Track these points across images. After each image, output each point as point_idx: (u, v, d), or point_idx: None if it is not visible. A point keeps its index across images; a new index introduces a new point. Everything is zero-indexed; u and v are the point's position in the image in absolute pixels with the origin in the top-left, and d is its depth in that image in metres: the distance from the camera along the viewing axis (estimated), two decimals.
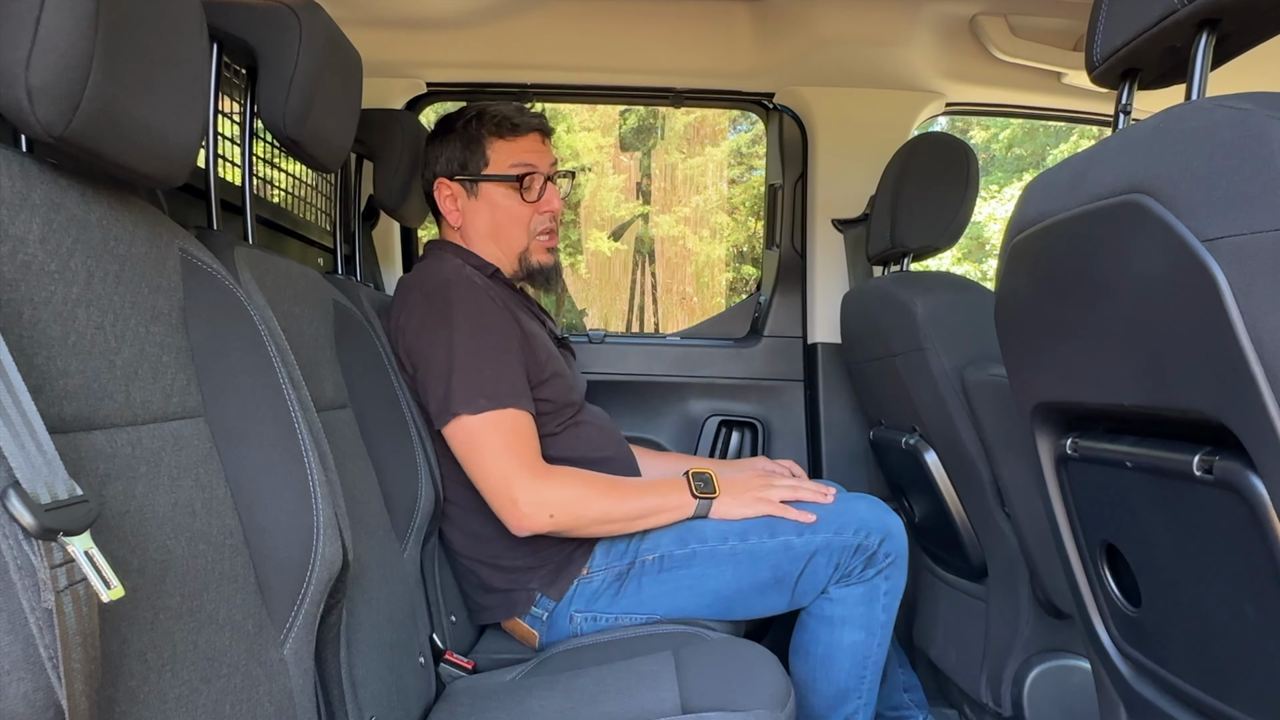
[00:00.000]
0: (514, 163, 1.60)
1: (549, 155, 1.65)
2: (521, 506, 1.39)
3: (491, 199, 1.61)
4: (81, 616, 0.56)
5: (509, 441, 1.41)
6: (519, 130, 1.61)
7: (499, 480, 1.40)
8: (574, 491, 1.43)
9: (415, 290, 1.52)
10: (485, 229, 1.62)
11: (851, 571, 1.43)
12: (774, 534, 1.45)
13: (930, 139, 1.79)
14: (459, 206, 1.63)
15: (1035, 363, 0.99)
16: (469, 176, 1.61)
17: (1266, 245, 0.62)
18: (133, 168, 0.74)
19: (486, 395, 1.41)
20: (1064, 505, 1.03)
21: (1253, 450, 0.67)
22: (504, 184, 1.60)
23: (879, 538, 1.43)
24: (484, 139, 1.60)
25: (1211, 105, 0.68)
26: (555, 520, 1.40)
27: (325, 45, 1.12)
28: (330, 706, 1.01)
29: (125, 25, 0.69)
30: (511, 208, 1.61)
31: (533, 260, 1.64)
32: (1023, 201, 0.97)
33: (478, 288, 1.50)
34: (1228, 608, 0.77)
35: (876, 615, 1.46)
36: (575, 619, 1.50)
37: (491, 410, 1.40)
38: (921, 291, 1.56)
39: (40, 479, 0.55)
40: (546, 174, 1.63)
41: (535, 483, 1.40)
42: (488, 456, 1.41)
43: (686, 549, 1.46)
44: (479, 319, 1.46)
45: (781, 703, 1.15)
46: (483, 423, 1.40)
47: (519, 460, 1.40)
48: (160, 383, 0.78)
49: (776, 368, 2.22)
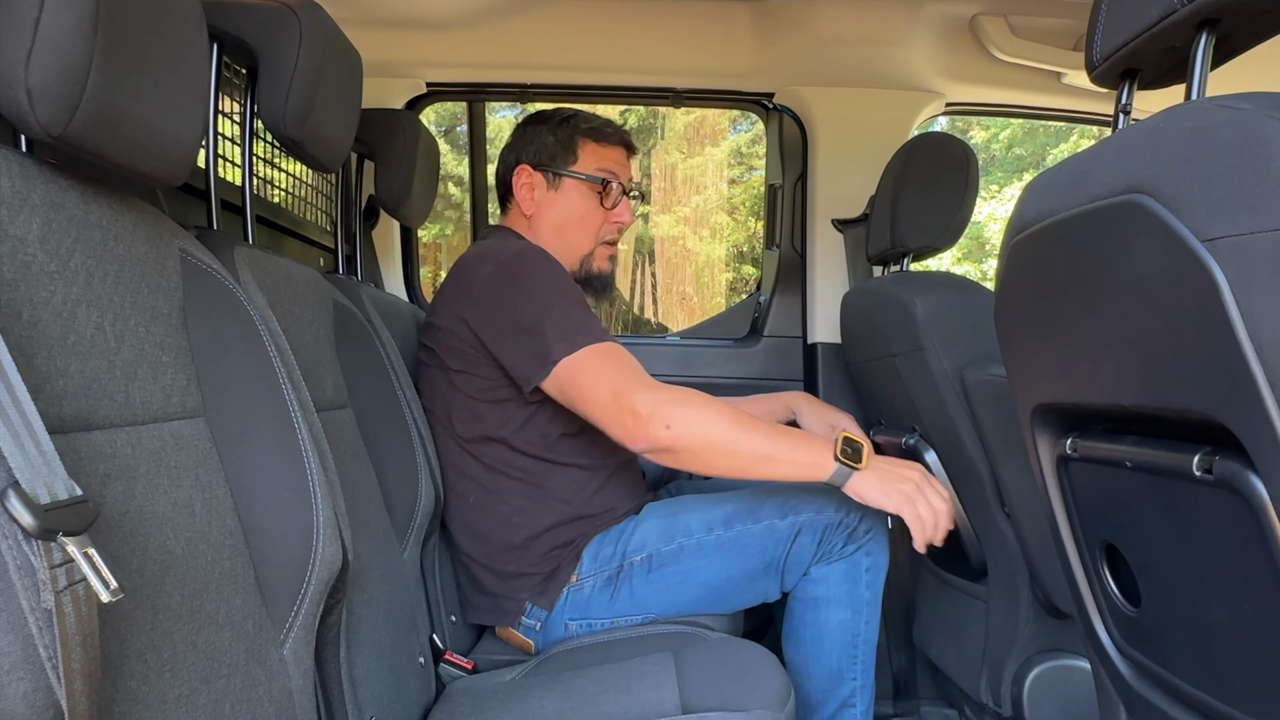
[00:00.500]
0: (600, 167, 1.65)
1: (629, 172, 1.70)
2: (641, 413, 1.30)
3: (570, 196, 1.64)
4: (81, 617, 0.56)
5: (617, 364, 1.36)
6: (610, 139, 1.66)
7: (612, 396, 1.33)
8: (695, 409, 1.33)
9: (487, 263, 1.49)
10: (555, 224, 1.65)
11: (832, 549, 1.44)
12: (758, 519, 1.45)
13: (930, 139, 1.79)
14: (535, 196, 1.65)
15: (1035, 363, 0.99)
16: (555, 169, 1.64)
17: (1266, 245, 0.62)
18: (133, 168, 0.74)
19: (583, 333, 1.37)
20: (1064, 505, 1.03)
21: (1252, 450, 0.67)
22: (587, 184, 1.64)
23: (859, 514, 1.43)
24: (577, 138, 1.64)
25: (1211, 105, 0.68)
26: (673, 433, 1.30)
27: (325, 45, 1.12)
28: (330, 706, 1.01)
29: (125, 25, 0.69)
30: (587, 209, 1.65)
31: (594, 265, 1.68)
32: (1022, 201, 0.97)
33: (550, 257, 1.51)
34: (1228, 608, 0.76)
35: (860, 592, 1.45)
36: (570, 627, 1.49)
37: (591, 344, 1.36)
38: (921, 291, 1.56)
39: (40, 479, 0.55)
40: (625, 187, 1.68)
41: (652, 393, 1.32)
42: (598, 380, 1.35)
43: (673, 544, 1.45)
44: (559, 277, 1.46)
45: (781, 703, 1.15)
46: (585, 356, 1.36)
47: (632, 376, 1.35)
48: (160, 383, 0.78)
49: (776, 368, 2.22)
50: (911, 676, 2.07)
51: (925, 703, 2.05)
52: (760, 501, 1.47)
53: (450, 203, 7.60)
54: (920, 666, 2.06)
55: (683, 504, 1.54)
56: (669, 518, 1.49)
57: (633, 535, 1.49)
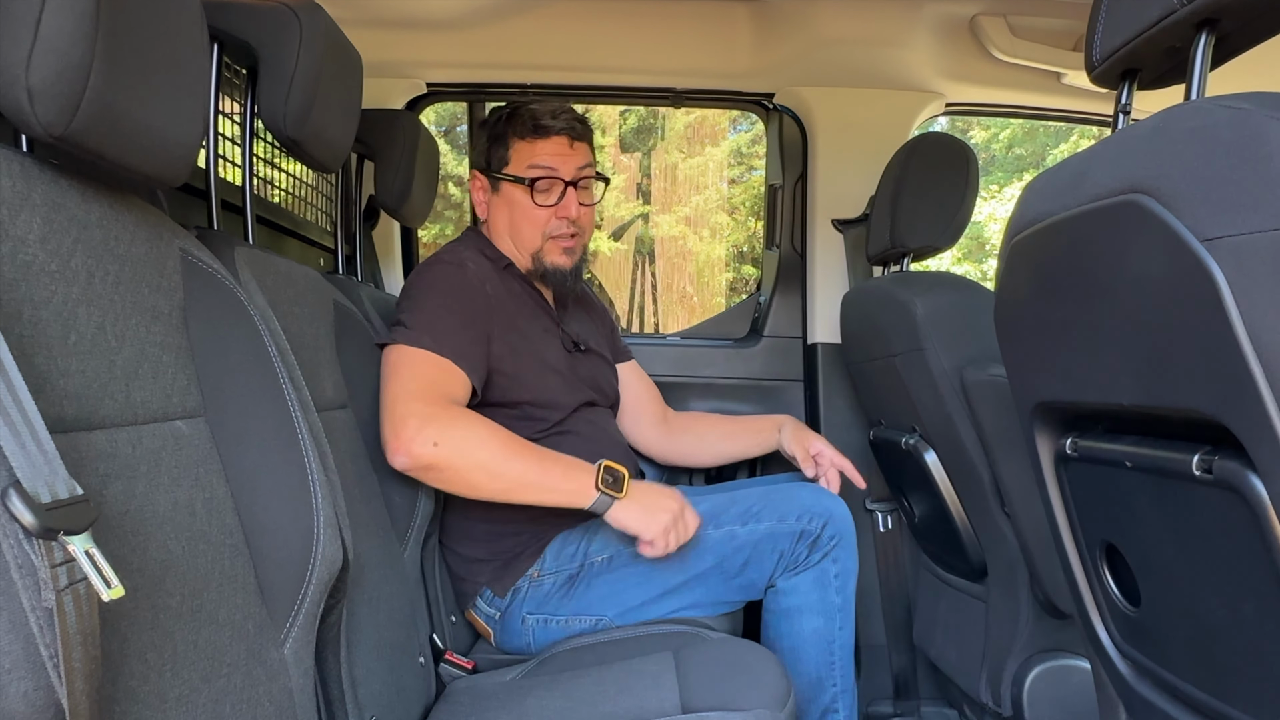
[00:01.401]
0: (531, 164, 1.60)
1: (576, 159, 1.62)
2: (410, 427, 1.31)
3: (510, 197, 1.63)
4: (82, 616, 0.56)
5: (426, 375, 1.37)
6: (542, 133, 1.60)
7: (399, 399, 1.34)
8: (468, 430, 1.34)
9: (422, 267, 1.59)
10: (504, 225, 1.65)
11: (798, 559, 1.44)
12: (718, 525, 1.45)
13: (930, 139, 1.79)
14: (486, 199, 1.67)
15: (1035, 363, 0.99)
16: (491, 173, 1.65)
17: (1266, 245, 0.62)
18: (133, 168, 0.74)
19: (431, 335, 1.40)
20: (1063, 505, 1.03)
21: (1252, 450, 0.67)
22: (518, 185, 1.61)
23: (821, 522, 1.43)
24: (508, 138, 1.62)
25: (1211, 105, 0.68)
26: (438, 451, 1.31)
27: (325, 45, 1.12)
28: (330, 706, 1.01)
29: (125, 26, 0.69)
30: (527, 208, 1.61)
31: (546, 261, 1.64)
32: (1022, 201, 0.97)
33: (467, 270, 1.53)
34: (1228, 608, 0.77)
35: (831, 599, 1.46)
36: (528, 621, 1.50)
37: (427, 349, 1.39)
38: (921, 291, 1.56)
39: (41, 478, 0.55)
40: (568, 179, 1.60)
41: (432, 410, 1.33)
42: (398, 379, 1.37)
43: (633, 545, 1.43)
44: (453, 293, 1.49)
45: (781, 702, 1.15)
46: (412, 354, 1.38)
47: (427, 393, 1.35)
48: (160, 383, 0.78)
49: (776, 368, 2.22)
50: (911, 676, 2.07)
51: (925, 703, 2.05)
52: (725, 508, 1.47)
53: (450, 203, 7.61)
54: (920, 666, 2.06)
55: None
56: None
57: (596, 535, 1.49)
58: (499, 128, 1.63)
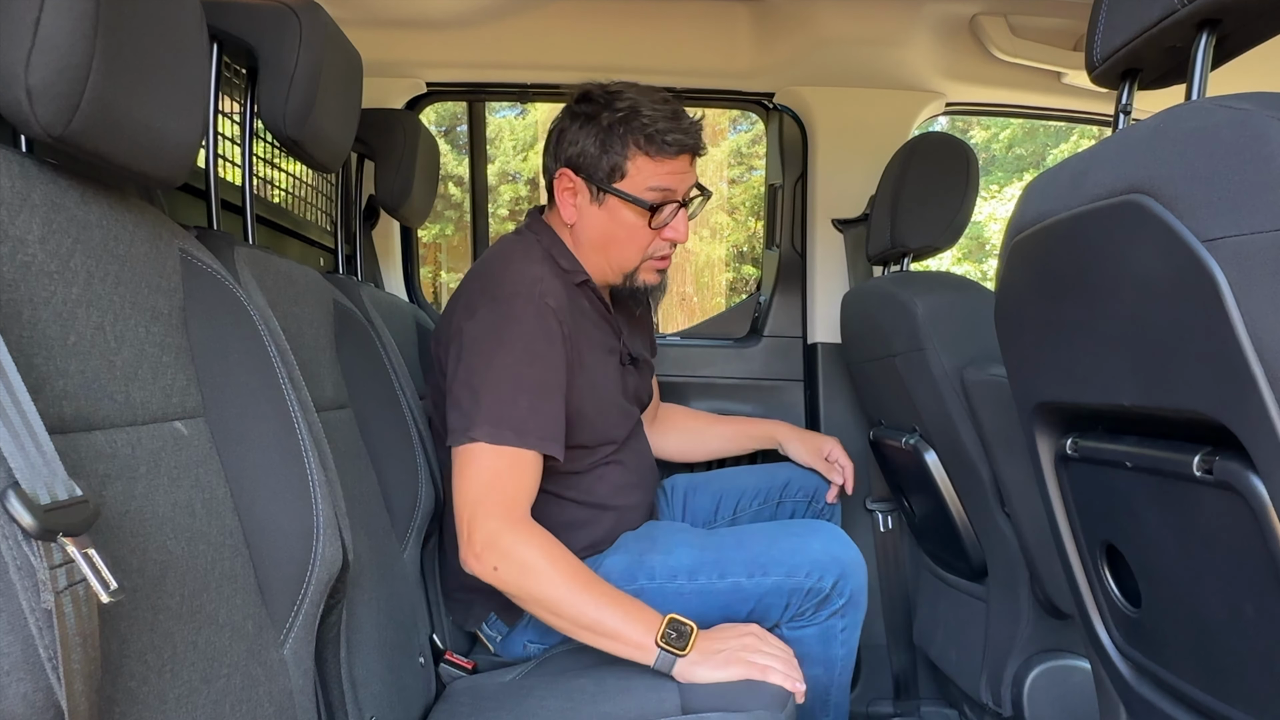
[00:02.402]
0: (653, 185, 1.43)
1: (691, 178, 1.48)
2: (475, 544, 1.26)
3: (615, 213, 1.44)
4: (81, 617, 0.56)
5: (503, 479, 1.29)
6: (669, 151, 1.42)
7: (468, 507, 1.28)
8: (533, 561, 1.25)
9: (486, 292, 1.39)
10: (597, 238, 1.47)
11: (804, 612, 1.38)
12: (723, 575, 1.38)
13: (930, 139, 1.79)
14: (577, 204, 1.46)
15: (1035, 363, 0.99)
16: (598, 184, 1.43)
17: (1266, 245, 0.62)
18: (133, 168, 0.74)
19: (513, 428, 1.28)
20: (1064, 505, 1.03)
21: (1253, 450, 0.67)
22: (634, 206, 1.43)
23: (832, 579, 1.36)
24: (629, 149, 1.41)
25: (1211, 105, 0.68)
26: (498, 575, 1.26)
27: (325, 45, 1.12)
28: (330, 706, 1.01)
29: (125, 25, 0.69)
30: (634, 229, 1.45)
31: (639, 280, 1.51)
32: (1022, 201, 0.97)
33: (548, 310, 1.35)
34: (1228, 608, 0.76)
35: (835, 651, 1.41)
36: (528, 648, 1.49)
37: (510, 445, 1.28)
38: (921, 291, 1.56)
39: (40, 479, 0.55)
40: (682, 200, 1.47)
41: (501, 526, 1.26)
42: (475, 481, 1.29)
43: (634, 585, 1.38)
44: (533, 344, 1.33)
45: (781, 703, 1.15)
46: (491, 453, 1.28)
47: (502, 501, 1.28)
48: (160, 383, 0.78)
49: (776, 368, 2.22)
50: (911, 676, 2.07)
51: (925, 703, 2.05)
52: (731, 556, 1.39)
53: (450, 203, 7.60)
54: (920, 666, 2.06)
55: (654, 541, 1.46)
56: (636, 555, 1.43)
57: (598, 568, 1.41)
58: (616, 133, 1.41)
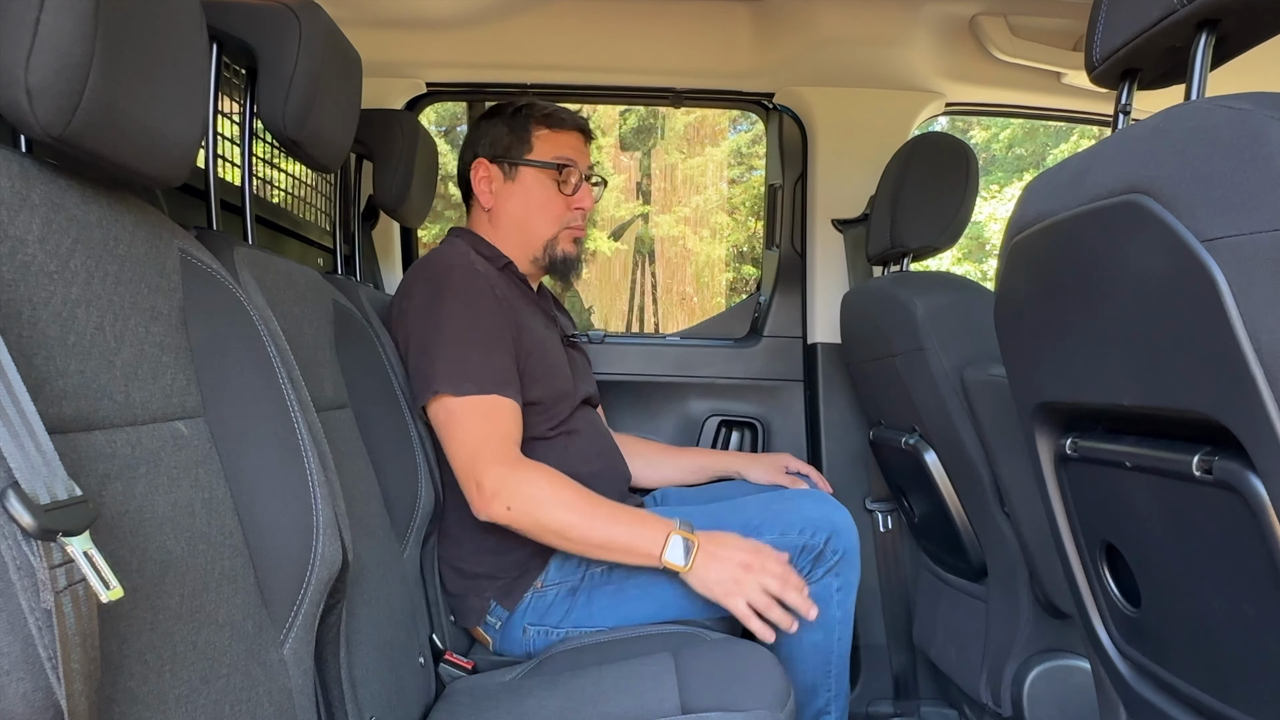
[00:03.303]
0: (556, 154, 1.64)
1: (587, 157, 1.69)
2: (485, 492, 1.36)
3: (528, 185, 1.64)
4: (81, 617, 0.56)
5: (486, 425, 1.39)
6: (564, 124, 1.65)
7: (467, 460, 1.38)
8: (540, 492, 1.37)
9: (420, 274, 1.54)
10: (516, 215, 1.65)
11: (800, 571, 1.42)
12: None
13: (930, 139, 1.79)
14: (493, 189, 1.66)
15: (1035, 363, 0.99)
16: (510, 160, 1.64)
17: (1266, 245, 0.62)
18: (132, 168, 0.74)
19: (471, 379, 1.40)
20: (1063, 505, 1.03)
21: (1252, 450, 0.67)
22: (543, 172, 1.63)
23: (825, 535, 1.42)
24: (530, 126, 1.64)
25: (1211, 105, 0.68)
26: (512, 514, 1.35)
27: (325, 45, 1.12)
28: (330, 706, 1.01)
29: (125, 25, 0.69)
30: (547, 197, 1.64)
31: (558, 250, 1.67)
32: (1023, 201, 0.97)
33: (478, 275, 1.51)
34: (1228, 608, 0.77)
35: (832, 613, 1.45)
36: (528, 631, 1.50)
37: (474, 394, 1.39)
38: (921, 291, 1.56)
39: (39, 479, 0.55)
40: (584, 173, 1.67)
41: (502, 469, 1.36)
42: (461, 436, 1.39)
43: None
44: (472, 305, 1.46)
45: (781, 703, 1.15)
46: (463, 404, 1.39)
47: (493, 445, 1.38)
48: (160, 383, 0.78)
49: (776, 368, 2.22)
50: (911, 676, 2.07)
51: (925, 703, 2.05)
52: (726, 520, 1.45)
53: (450, 203, 7.59)
54: (920, 666, 2.06)
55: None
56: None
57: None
58: (519, 117, 1.64)
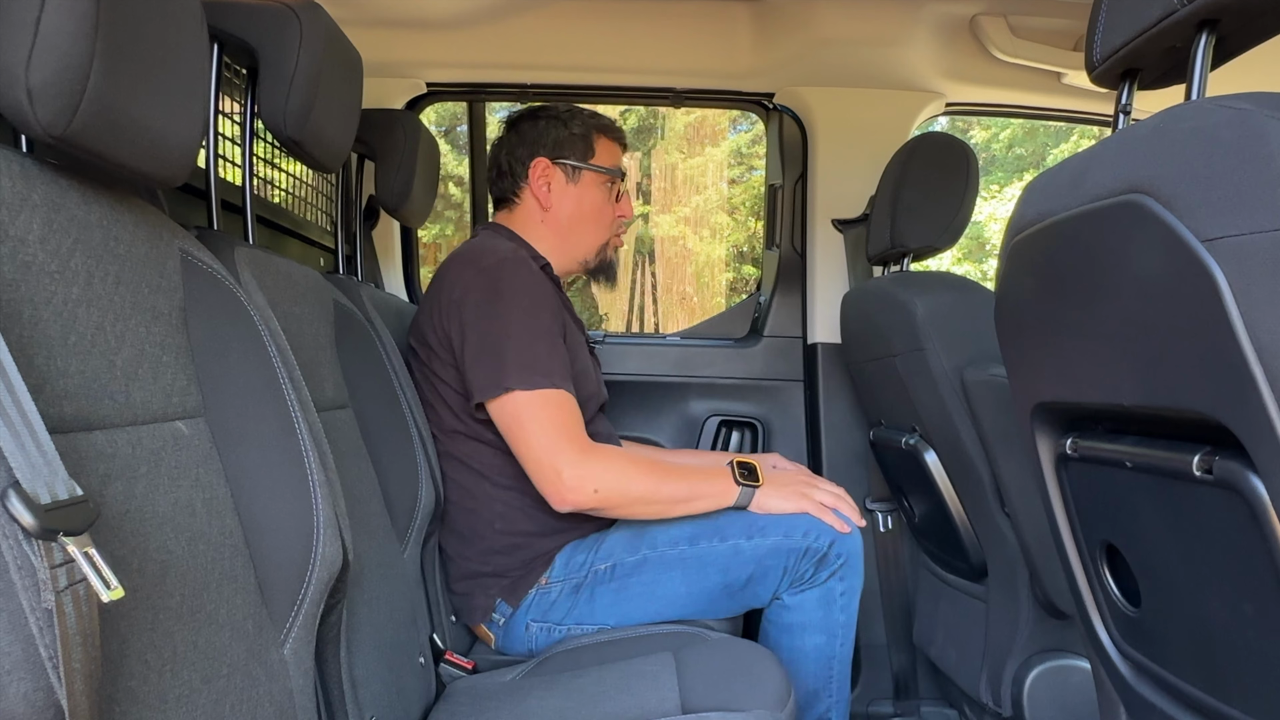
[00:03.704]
0: (614, 163, 1.71)
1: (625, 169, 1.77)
2: (566, 480, 1.38)
3: (588, 190, 1.68)
4: (81, 617, 0.56)
5: (558, 418, 1.41)
6: (617, 136, 1.73)
7: (545, 454, 1.40)
8: (619, 469, 1.42)
9: (470, 266, 1.52)
10: (569, 216, 1.68)
11: (803, 575, 1.44)
12: (723, 538, 1.45)
13: (930, 139, 1.79)
14: (551, 189, 1.67)
15: (1035, 363, 0.99)
16: (575, 163, 1.67)
17: (1266, 245, 0.62)
18: (133, 168, 0.74)
19: (541, 372, 1.41)
20: (1064, 505, 1.03)
21: (1252, 450, 0.67)
22: (602, 177, 1.68)
23: (829, 539, 1.43)
24: (593, 133, 1.69)
25: (1211, 105, 0.68)
26: (600, 495, 1.40)
27: (325, 45, 1.12)
28: (330, 706, 1.01)
29: (125, 25, 0.69)
30: (601, 202, 1.69)
31: (609, 254, 1.74)
32: (1023, 201, 0.97)
33: (533, 268, 1.52)
34: (1228, 608, 0.76)
35: (835, 617, 1.46)
36: (531, 628, 1.50)
37: (545, 388, 1.41)
38: (921, 291, 1.56)
39: (40, 479, 0.55)
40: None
41: (580, 457, 1.40)
42: (536, 430, 1.40)
43: (637, 555, 1.46)
44: (533, 296, 1.47)
45: (782, 703, 1.15)
46: (534, 398, 1.40)
47: (568, 436, 1.40)
48: (160, 383, 0.78)
49: (776, 368, 2.22)
50: (911, 676, 2.07)
51: (925, 703, 2.05)
52: (730, 521, 1.47)
53: (450, 203, 7.60)
54: (920, 666, 2.06)
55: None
56: (638, 528, 1.50)
57: (602, 544, 1.50)
58: (579, 122, 1.68)
